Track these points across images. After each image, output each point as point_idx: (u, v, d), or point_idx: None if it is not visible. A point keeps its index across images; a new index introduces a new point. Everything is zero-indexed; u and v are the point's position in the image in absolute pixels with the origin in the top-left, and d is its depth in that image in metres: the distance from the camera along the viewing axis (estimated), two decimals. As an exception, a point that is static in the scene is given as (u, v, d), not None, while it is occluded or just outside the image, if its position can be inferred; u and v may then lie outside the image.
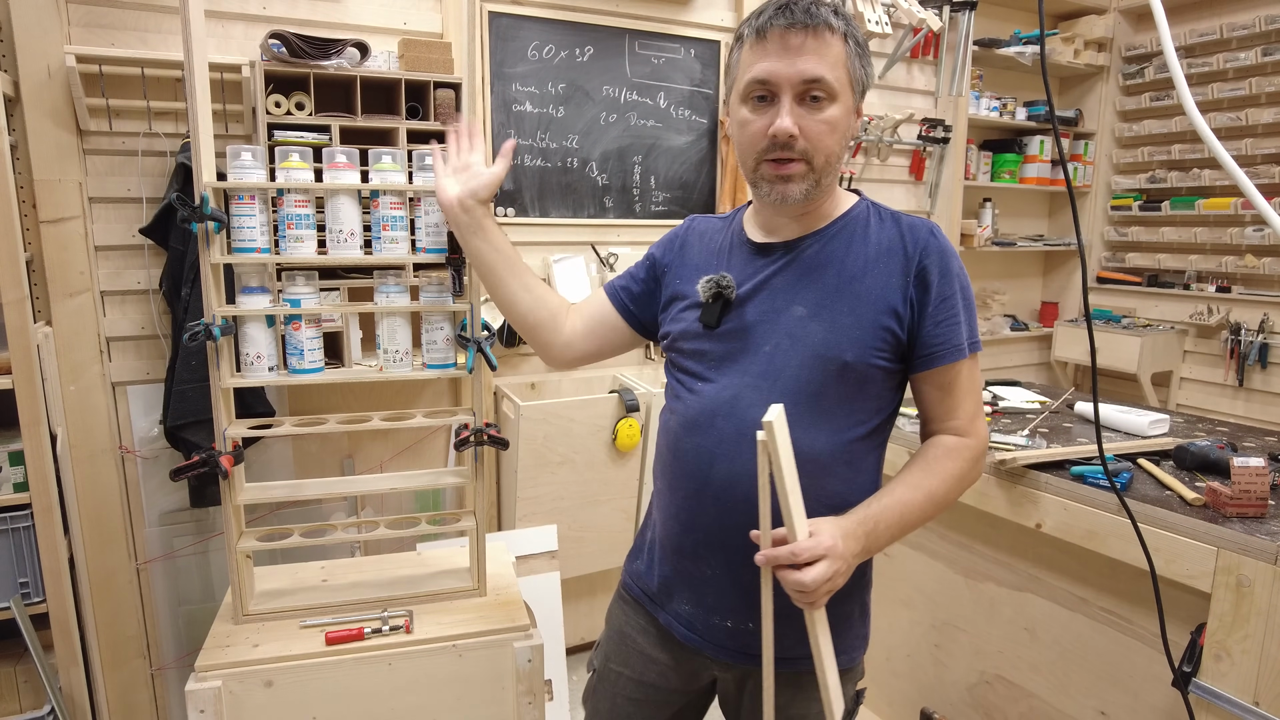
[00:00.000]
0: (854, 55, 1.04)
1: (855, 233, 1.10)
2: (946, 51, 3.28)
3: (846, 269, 1.07)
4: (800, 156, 1.03)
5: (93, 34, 1.99)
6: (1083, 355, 3.80)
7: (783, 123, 1.01)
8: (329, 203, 1.44)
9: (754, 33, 1.04)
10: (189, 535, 2.25)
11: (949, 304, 1.06)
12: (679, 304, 1.19)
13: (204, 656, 1.41)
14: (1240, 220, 3.50)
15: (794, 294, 1.08)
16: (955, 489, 1.09)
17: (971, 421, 1.10)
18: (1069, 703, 1.63)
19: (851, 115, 1.07)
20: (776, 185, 1.05)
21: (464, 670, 1.50)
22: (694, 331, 1.14)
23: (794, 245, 1.11)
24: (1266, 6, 3.35)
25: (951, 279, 1.07)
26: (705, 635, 1.16)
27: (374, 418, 1.59)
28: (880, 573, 2.09)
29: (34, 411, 1.75)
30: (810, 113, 1.02)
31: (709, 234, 1.22)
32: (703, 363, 1.13)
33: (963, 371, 1.08)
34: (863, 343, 1.05)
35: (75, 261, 2.01)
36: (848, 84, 1.04)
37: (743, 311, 1.10)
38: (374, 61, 2.14)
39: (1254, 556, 1.25)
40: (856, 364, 1.05)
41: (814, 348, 1.05)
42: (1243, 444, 1.80)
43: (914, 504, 1.05)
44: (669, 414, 1.19)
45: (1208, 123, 1.42)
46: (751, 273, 1.12)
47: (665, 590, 1.20)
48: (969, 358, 1.08)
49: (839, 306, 1.06)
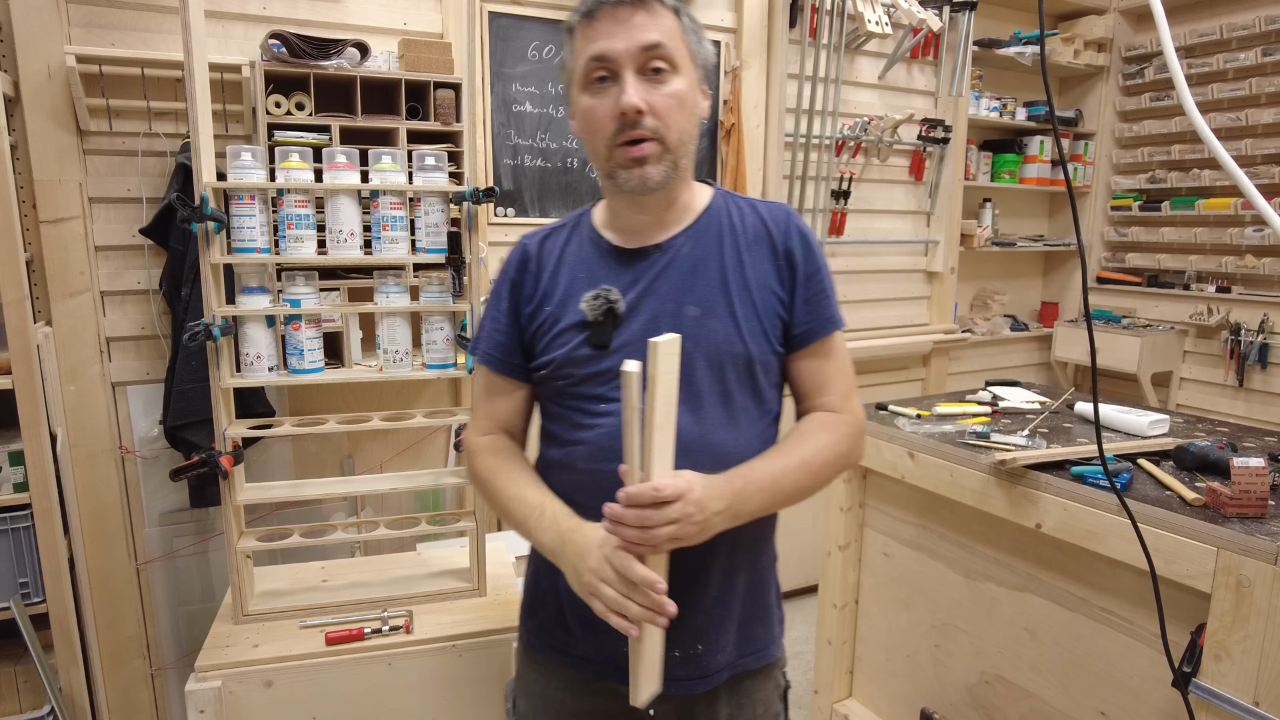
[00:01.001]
0: (690, 30, 1.02)
1: (723, 224, 1.08)
2: (946, 52, 3.29)
3: (727, 262, 1.05)
4: (652, 135, 0.98)
5: (93, 34, 1.99)
6: (1083, 355, 3.80)
7: (628, 98, 0.95)
8: (329, 203, 1.44)
9: (582, 16, 0.99)
10: (189, 535, 2.25)
11: (816, 279, 1.07)
12: (555, 328, 1.06)
13: (204, 656, 1.41)
14: (1240, 220, 3.50)
15: (682, 296, 1.04)
16: (833, 462, 1.05)
17: (846, 399, 1.09)
18: (1069, 703, 1.63)
19: (697, 93, 1.03)
20: (634, 170, 0.99)
21: (464, 670, 1.50)
22: (583, 355, 1.04)
23: (668, 246, 1.06)
24: (1266, 7, 3.35)
25: (815, 255, 1.08)
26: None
27: (374, 418, 1.59)
28: (880, 573, 2.09)
29: (34, 411, 1.75)
30: (655, 86, 0.97)
31: (556, 248, 1.12)
32: (602, 384, 1.03)
33: (835, 345, 1.09)
34: (761, 333, 1.04)
35: (75, 261, 2.01)
36: (688, 57, 1.01)
37: (633, 323, 1.03)
38: (374, 62, 2.15)
39: (1254, 556, 1.25)
40: (760, 356, 1.04)
41: (716, 346, 1.02)
42: (1243, 444, 1.80)
43: (787, 470, 1.00)
44: (565, 449, 1.07)
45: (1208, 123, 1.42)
46: (631, 281, 1.05)
47: (591, 640, 1.08)
48: (837, 333, 1.09)
49: (730, 300, 1.04)
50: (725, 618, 1.07)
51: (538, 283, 1.10)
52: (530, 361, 1.11)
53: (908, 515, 1.97)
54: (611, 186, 1.05)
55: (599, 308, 1.02)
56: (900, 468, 1.90)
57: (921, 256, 3.48)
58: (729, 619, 1.08)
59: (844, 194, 3.12)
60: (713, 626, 1.06)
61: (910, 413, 2.02)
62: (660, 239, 1.07)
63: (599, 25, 0.97)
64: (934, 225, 3.46)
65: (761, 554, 1.12)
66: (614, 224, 1.10)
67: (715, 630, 1.07)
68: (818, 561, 2.21)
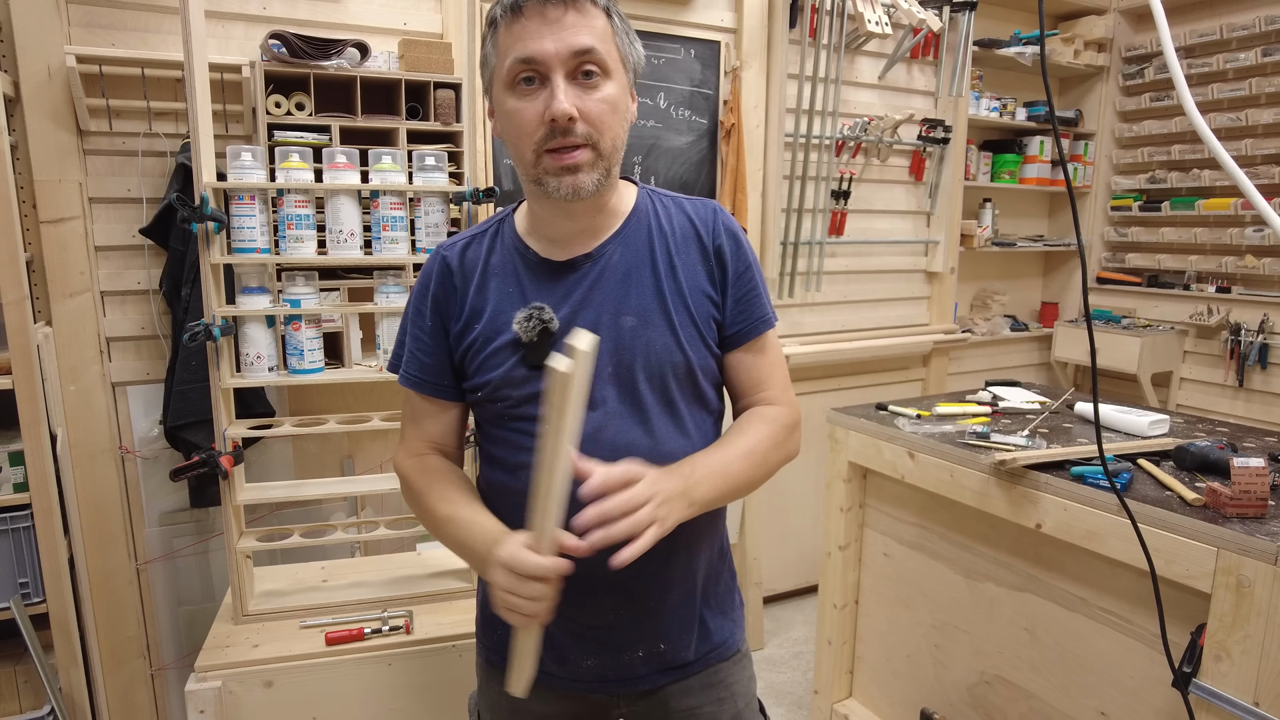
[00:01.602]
0: (621, 32, 0.97)
1: (651, 227, 1.05)
2: (946, 52, 3.29)
3: (658, 267, 1.03)
4: (584, 141, 0.93)
5: (93, 34, 1.99)
6: (1083, 355, 3.80)
7: (559, 104, 0.90)
8: (329, 203, 1.45)
9: (508, 10, 0.92)
10: (189, 535, 2.25)
11: (746, 277, 1.06)
12: (487, 348, 1.02)
13: (204, 656, 1.41)
14: (1240, 221, 3.50)
15: (617, 306, 1.00)
16: (774, 453, 1.05)
17: (784, 392, 1.10)
18: (1069, 703, 1.63)
19: (628, 97, 0.99)
20: (564, 178, 0.94)
21: (464, 670, 1.50)
22: (520, 376, 1.00)
23: (598, 255, 1.02)
24: (1266, 7, 3.36)
25: (744, 253, 1.06)
26: (617, 677, 1.07)
27: (374, 418, 1.59)
28: (880, 573, 2.09)
29: (34, 412, 1.75)
30: (586, 92, 0.92)
31: (480, 259, 1.06)
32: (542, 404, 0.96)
33: (769, 342, 1.08)
34: (698, 339, 1.03)
35: (75, 261, 2.01)
36: (619, 60, 0.96)
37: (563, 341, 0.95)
38: (374, 62, 2.15)
39: (1254, 557, 1.25)
40: (699, 362, 1.03)
41: (656, 356, 1.00)
42: (1243, 444, 1.80)
43: (732, 459, 1.00)
44: (510, 473, 1.03)
45: (1208, 123, 1.42)
46: (563, 294, 1.01)
47: (560, 656, 1.07)
48: (771, 330, 1.08)
49: (667, 309, 1.02)
50: (688, 616, 1.09)
51: (464, 299, 1.05)
52: (463, 381, 1.07)
53: (908, 515, 1.97)
54: (538, 192, 0.98)
55: (533, 329, 0.98)
56: (900, 468, 1.90)
57: (921, 256, 3.48)
58: (691, 616, 1.09)
59: (844, 194, 3.12)
60: (676, 625, 1.08)
61: (910, 413, 2.02)
62: (590, 247, 1.02)
63: (527, 24, 0.91)
64: (934, 225, 3.46)
65: (715, 545, 1.14)
66: (539, 231, 1.05)
67: (679, 628, 1.08)
68: (818, 561, 2.21)
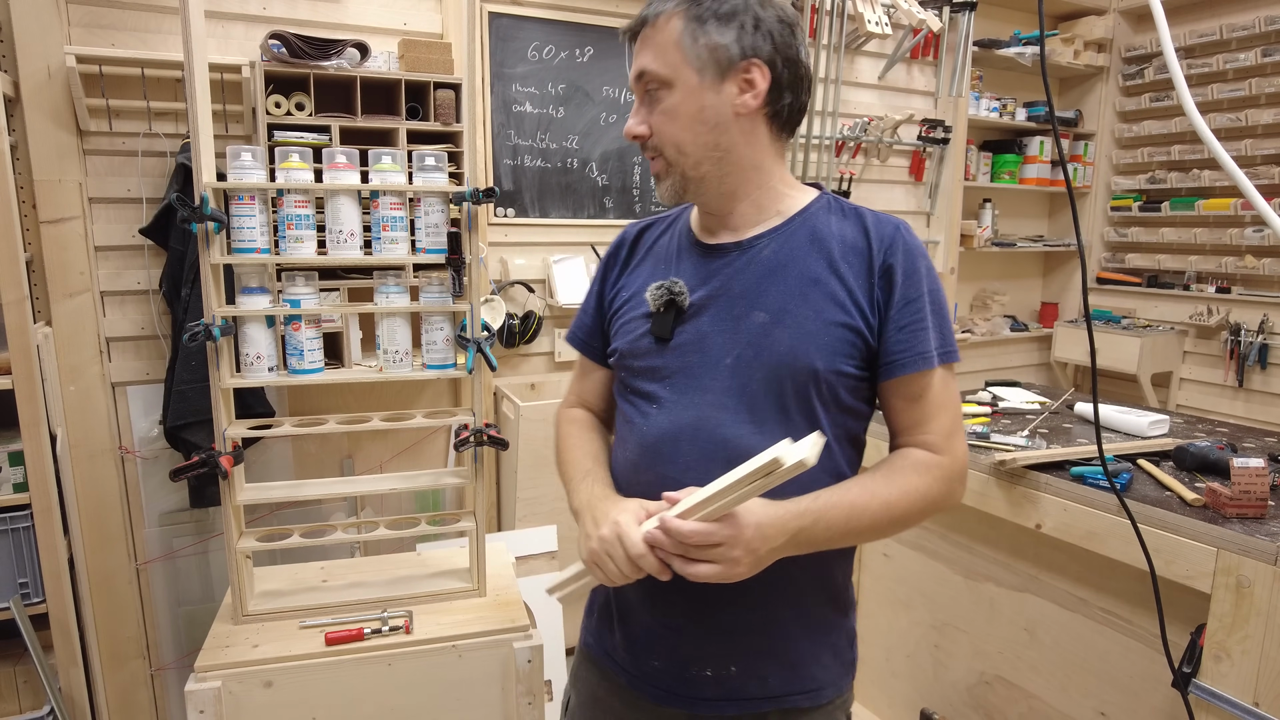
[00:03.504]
0: (691, 28, 0.94)
1: (815, 229, 1.00)
2: (946, 52, 3.29)
3: (809, 269, 0.98)
4: (655, 153, 1.00)
5: (93, 34, 1.99)
6: (1083, 356, 3.80)
7: (627, 124, 1.01)
8: (329, 203, 1.44)
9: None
10: (189, 535, 2.25)
11: (914, 307, 0.96)
12: (625, 315, 1.08)
13: (204, 657, 1.41)
14: (1240, 221, 3.50)
15: (754, 299, 0.98)
16: (918, 508, 0.96)
17: (947, 439, 0.98)
18: (1069, 703, 1.63)
19: (700, 93, 0.95)
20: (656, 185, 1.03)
21: (464, 670, 1.50)
22: (644, 347, 1.03)
23: (748, 245, 1.01)
24: (1266, 7, 3.36)
25: (918, 280, 0.97)
26: (684, 692, 1.03)
27: (374, 418, 1.59)
28: (880, 573, 2.09)
29: (34, 412, 1.75)
30: (652, 108, 0.98)
31: (650, 239, 1.13)
32: (657, 381, 1.02)
33: (933, 383, 0.97)
34: (831, 348, 0.95)
35: (75, 261, 2.01)
36: (682, 63, 0.95)
37: (698, 321, 1.00)
38: (374, 62, 2.15)
39: (1254, 557, 1.25)
40: (826, 372, 0.95)
41: (780, 357, 0.95)
42: (1242, 445, 1.80)
43: (866, 511, 0.93)
44: (621, 445, 1.08)
45: (1207, 123, 1.42)
46: (704, 277, 1.02)
47: (631, 648, 1.07)
48: (941, 368, 0.97)
49: (803, 311, 0.96)
50: (764, 646, 1.02)
51: (624, 270, 1.13)
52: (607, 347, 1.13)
53: (908, 515, 1.97)
54: None
55: (660, 298, 1.01)
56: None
57: (921, 257, 3.48)
58: (769, 648, 1.02)
59: (844, 194, 3.12)
60: (749, 651, 1.01)
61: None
62: (742, 237, 1.02)
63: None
64: (934, 226, 3.46)
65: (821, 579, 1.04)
66: (699, 218, 1.09)
67: (752, 656, 1.01)
68: (818, 562, 2.21)
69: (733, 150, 0.98)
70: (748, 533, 0.85)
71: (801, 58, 0.98)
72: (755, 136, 0.99)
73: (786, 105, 0.99)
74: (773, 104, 0.98)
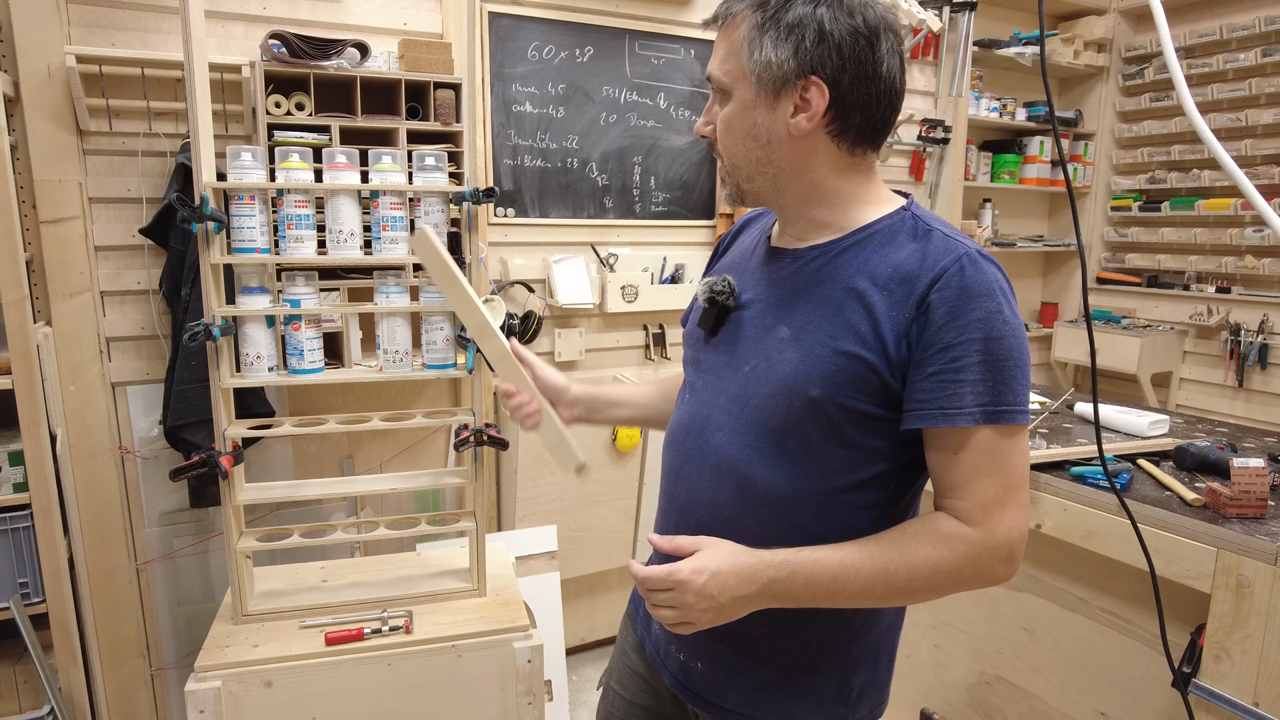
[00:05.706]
0: (752, 36, 0.88)
1: (875, 247, 0.90)
2: (946, 52, 3.28)
3: (841, 291, 0.89)
4: (720, 156, 0.99)
5: (93, 34, 1.99)
6: (1082, 356, 3.80)
7: (697, 122, 1.01)
8: (329, 203, 1.44)
9: None
10: (189, 535, 2.25)
11: (952, 354, 0.83)
12: (695, 304, 1.10)
13: (204, 657, 1.41)
14: (1240, 221, 3.50)
15: (783, 312, 0.93)
16: (928, 582, 0.85)
17: (985, 509, 0.84)
18: (1069, 703, 1.63)
19: (753, 110, 0.90)
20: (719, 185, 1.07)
21: (464, 670, 1.50)
22: (695, 335, 1.06)
23: (801, 254, 0.95)
24: (1266, 7, 3.36)
25: (965, 324, 0.83)
26: (664, 664, 1.08)
27: (374, 418, 1.59)
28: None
29: (34, 411, 1.75)
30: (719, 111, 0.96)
31: (747, 232, 1.13)
32: (695, 371, 1.05)
33: (974, 443, 0.83)
34: (833, 379, 0.87)
35: (75, 261, 2.01)
36: (741, 74, 0.90)
37: (739, 323, 0.99)
38: (374, 62, 2.15)
39: (1254, 557, 1.25)
40: (826, 402, 0.87)
41: (784, 377, 0.90)
42: (1242, 444, 1.80)
43: (857, 575, 0.84)
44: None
45: (1208, 123, 1.42)
46: (758, 280, 1.00)
47: (641, 620, 1.15)
48: (989, 428, 0.83)
49: (819, 333, 0.89)
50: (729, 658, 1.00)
51: (717, 259, 1.16)
52: None
53: (908, 515, 1.97)
54: None
55: (706, 293, 1.02)
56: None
57: (921, 257, 3.48)
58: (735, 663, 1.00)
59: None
60: (713, 654, 1.01)
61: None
62: (800, 245, 0.96)
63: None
64: (934, 225, 3.46)
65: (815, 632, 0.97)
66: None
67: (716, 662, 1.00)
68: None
69: (788, 170, 0.92)
70: (699, 579, 0.83)
71: (882, 72, 0.88)
72: (814, 157, 0.91)
73: (855, 125, 0.89)
74: (839, 122, 0.89)
